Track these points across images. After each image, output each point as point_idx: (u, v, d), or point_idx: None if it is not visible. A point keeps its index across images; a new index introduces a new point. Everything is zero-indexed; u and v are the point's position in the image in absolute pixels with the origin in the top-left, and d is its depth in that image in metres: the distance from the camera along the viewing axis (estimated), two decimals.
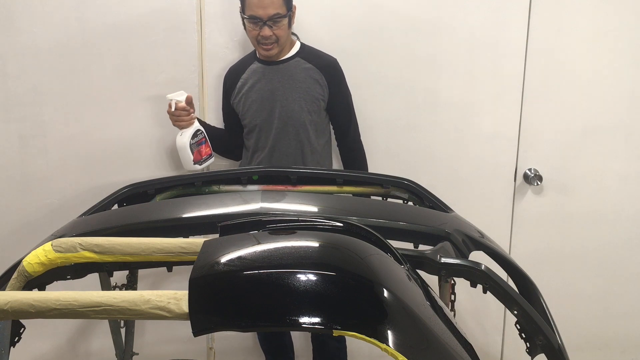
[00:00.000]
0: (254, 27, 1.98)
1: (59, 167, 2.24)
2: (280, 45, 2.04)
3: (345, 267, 0.88)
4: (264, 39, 1.99)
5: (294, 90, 2.07)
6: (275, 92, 2.07)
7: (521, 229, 2.49)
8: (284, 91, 2.07)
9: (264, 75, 2.09)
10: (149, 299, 0.77)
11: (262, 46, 2.02)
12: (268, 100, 2.08)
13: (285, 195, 1.54)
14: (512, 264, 1.36)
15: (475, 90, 2.35)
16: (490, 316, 2.54)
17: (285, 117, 2.07)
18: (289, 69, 2.09)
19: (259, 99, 2.09)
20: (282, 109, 2.07)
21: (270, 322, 0.79)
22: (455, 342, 0.86)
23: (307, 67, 2.09)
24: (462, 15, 2.28)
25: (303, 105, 2.08)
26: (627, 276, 2.56)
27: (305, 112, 2.08)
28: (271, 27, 1.96)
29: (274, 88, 2.08)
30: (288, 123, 2.07)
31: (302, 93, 2.08)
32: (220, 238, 0.98)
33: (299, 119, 2.07)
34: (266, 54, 2.04)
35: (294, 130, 2.08)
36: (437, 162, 2.39)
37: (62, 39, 2.15)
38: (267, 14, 1.94)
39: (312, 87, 2.09)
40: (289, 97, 2.07)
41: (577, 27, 2.32)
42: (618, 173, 2.45)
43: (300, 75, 2.08)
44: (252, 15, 1.96)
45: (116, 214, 1.50)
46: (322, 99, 2.10)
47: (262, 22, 1.95)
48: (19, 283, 0.98)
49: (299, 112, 2.07)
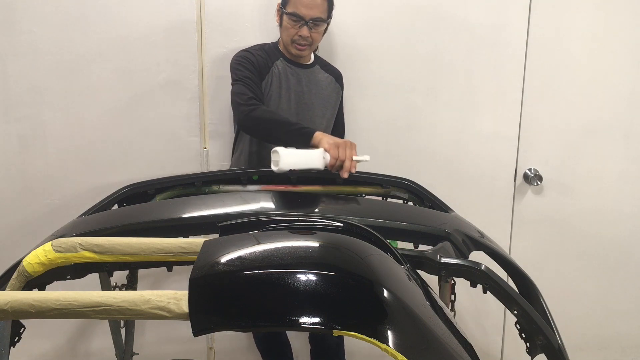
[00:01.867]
0: (292, 25, 1.96)
1: (59, 167, 2.24)
2: (311, 49, 2.05)
3: (345, 267, 0.88)
4: (301, 38, 1.97)
5: (317, 97, 2.10)
6: (302, 96, 2.07)
7: (521, 229, 2.49)
8: (310, 96, 2.08)
9: (292, 76, 2.07)
10: (149, 299, 0.77)
11: (296, 45, 1.99)
12: (295, 104, 2.07)
13: (285, 195, 1.54)
14: (512, 264, 1.36)
15: (475, 90, 2.35)
16: (490, 316, 2.54)
17: (310, 122, 2.06)
18: (314, 75, 2.11)
19: (286, 99, 2.06)
20: (308, 113, 2.08)
21: (270, 322, 0.79)
22: (455, 342, 0.86)
23: (326, 76, 2.14)
24: (462, 15, 2.28)
25: (325, 112, 2.12)
26: (627, 276, 2.56)
27: (325, 119, 2.12)
28: (311, 28, 1.95)
29: (301, 91, 2.07)
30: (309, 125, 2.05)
31: (324, 100, 2.11)
32: (220, 238, 0.98)
33: (320, 126, 2.09)
34: (298, 53, 2.02)
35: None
36: (437, 162, 2.39)
37: (62, 39, 2.15)
38: (311, 15, 1.92)
39: (331, 96, 2.13)
40: (314, 102, 2.09)
41: (577, 27, 2.32)
42: (618, 173, 2.45)
43: (323, 83, 2.12)
44: (295, 13, 1.93)
45: (116, 214, 1.50)
46: (336, 108, 2.16)
47: (303, 21, 1.93)
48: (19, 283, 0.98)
49: (321, 118, 2.11)
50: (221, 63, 2.23)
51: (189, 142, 2.27)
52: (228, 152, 2.28)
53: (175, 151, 2.27)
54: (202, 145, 2.28)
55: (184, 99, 2.23)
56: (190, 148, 2.28)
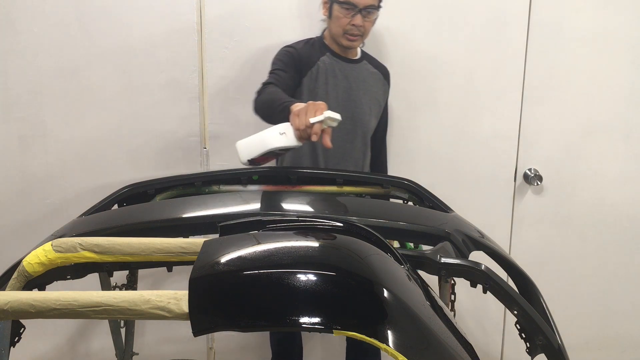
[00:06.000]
0: (345, 14, 1.89)
1: (59, 167, 2.24)
2: (362, 40, 1.98)
3: (345, 267, 0.88)
4: (354, 28, 1.90)
5: (366, 94, 2.05)
6: (350, 93, 2.02)
7: (521, 229, 2.49)
8: (357, 92, 2.03)
9: (340, 72, 2.01)
10: (149, 299, 0.77)
11: (348, 36, 1.93)
12: (343, 100, 2.01)
13: (285, 195, 1.53)
14: (512, 264, 1.35)
15: (475, 90, 2.35)
16: (490, 316, 2.54)
17: (357, 120, 2.02)
18: (361, 71, 2.06)
19: (333, 96, 1.99)
20: (356, 111, 2.02)
21: (270, 322, 0.79)
22: (455, 342, 0.86)
23: (374, 72, 2.09)
24: (462, 15, 2.28)
25: (372, 109, 2.07)
26: (627, 276, 2.56)
27: (372, 117, 2.08)
28: (364, 17, 1.89)
29: (348, 87, 2.02)
30: (357, 126, 2.04)
31: (372, 97, 2.07)
32: (220, 238, 0.98)
33: (368, 123, 2.05)
34: (350, 45, 1.96)
35: (361, 134, 2.05)
36: (437, 162, 2.39)
37: (62, 39, 2.15)
38: (365, 3, 1.87)
39: (379, 93, 2.09)
40: (363, 99, 2.04)
41: (577, 26, 2.32)
42: (618, 173, 2.45)
43: (370, 79, 2.07)
44: (348, 1, 1.87)
45: (116, 214, 1.50)
46: (383, 105, 2.12)
47: (357, 9, 1.88)
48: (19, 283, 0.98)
49: (369, 115, 2.06)
50: (221, 63, 2.23)
51: (189, 142, 2.27)
52: (228, 152, 2.28)
53: (175, 151, 2.27)
54: (202, 145, 2.28)
55: (184, 99, 2.23)
56: (190, 148, 2.27)
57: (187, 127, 2.26)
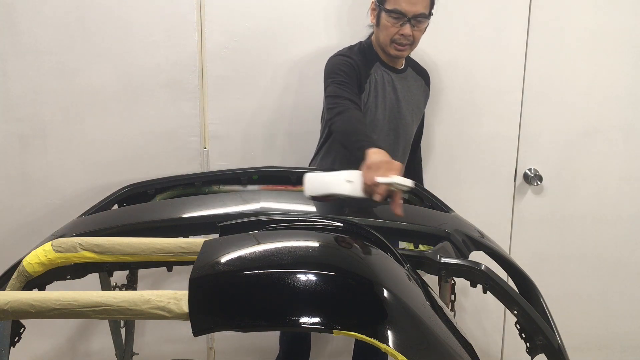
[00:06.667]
0: (393, 23, 1.80)
1: (59, 167, 2.24)
2: (411, 50, 1.90)
3: (345, 267, 0.88)
4: (403, 37, 1.82)
5: (408, 104, 1.99)
6: (398, 104, 1.96)
7: (521, 229, 2.49)
8: (404, 103, 1.97)
9: (389, 84, 1.94)
10: (149, 299, 0.77)
11: (396, 46, 1.85)
12: (390, 112, 1.95)
13: (285, 195, 1.54)
14: (512, 264, 1.36)
15: (475, 90, 2.35)
16: (490, 316, 2.54)
17: (400, 129, 1.98)
18: (407, 80, 2.00)
19: (382, 109, 1.93)
20: (400, 122, 1.97)
21: (270, 322, 0.79)
22: (455, 342, 0.86)
23: (417, 79, 2.04)
24: (462, 15, 2.28)
25: (414, 118, 2.02)
26: (627, 276, 2.56)
27: (414, 125, 2.04)
28: (413, 26, 1.81)
29: (395, 100, 1.96)
30: (400, 135, 1.99)
31: (414, 106, 2.02)
32: (220, 238, 0.98)
33: (410, 132, 2.02)
34: (398, 54, 1.88)
35: (403, 143, 2.01)
36: (437, 162, 2.39)
37: (62, 39, 2.15)
38: (414, 11, 1.78)
39: (421, 101, 2.06)
40: (406, 109, 1.98)
41: (577, 27, 2.32)
42: (618, 173, 2.45)
43: (414, 87, 2.02)
44: (397, 10, 1.78)
45: (116, 214, 1.50)
46: (423, 111, 2.09)
47: (406, 18, 1.79)
48: (19, 283, 0.98)
49: (411, 125, 2.02)
50: (221, 63, 2.23)
51: (189, 142, 2.27)
52: (228, 152, 2.28)
53: (175, 151, 2.27)
54: (202, 145, 2.28)
55: (184, 99, 2.23)
56: (190, 148, 2.27)
57: (187, 127, 2.26)
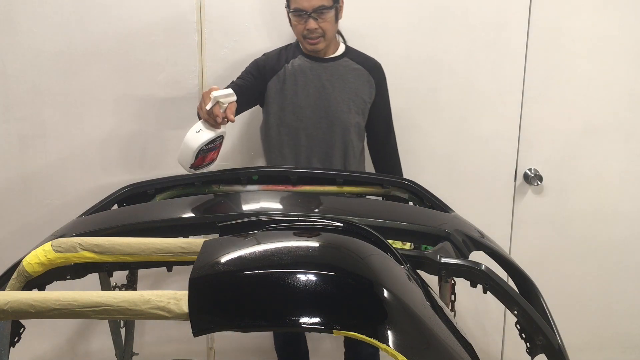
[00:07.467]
0: (299, 21, 1.92)
1: (59, 167, 2.24)
2: (327, 40, 1.97)
3: (345, 267, 0.88)
4: (309, 32, 1.92)
5: (343, 91, 2.02)
6: (324, 91, 2.01)
7: (521, 229, 2.49)
8: (333, 90, 2.01)
9: (310, 71, 2.02)
10: (149, 299, 0.77)
11: (307, 40, 1.95)
12: (315, 98, 2.01)
13: (285, 195, 1.54)
14: (512, 264, 1.36)
15: (475, 90, 2.35)
16: (490, 316, 2.54)
17: (333, 117, 2.01)
18: (337, 68, 2.04)
19: (304, 95, 2.01)
20: (330, 109, 2.01)
21: (270, 322, 0.79)
22: (455, 342, 0.86)
23: (356, 68, 2.06)
24: (462, 15, 2.28)
25: (351, 106, 2.03)
26: (627, 276, 2.56)
27: (352, 114, 2.03)
28: (316, 19, 1.90)
29: (321, 86, 2.01)
30: (335, 124, 2.02)
31: (351, 94, 2.03)
32: (220, 238, 0.98)
33: (346, 121, 2.02)
34: (312, 48, 1.97)
35: (340, 132, 2.03)
36: (437, 162, 2.39)
37: (62, 40, 2.15)
38: (312, 6, 1.88)
39: (361, 89, 2.05)
40: (338, 97, 2.01)
41: (577, 27, 2.32)
42: (618, 173, 2.45)
43: (350, 75, 2.04)
44: (297, 8, 1.90)
45: (116, 214, 1.50)
46: (369, 101, 2.07)
47: (307, 14, 1.89)
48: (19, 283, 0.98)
49: (347, 113, 2.02)
50: (221, 63, 2.23)
51: None
52: (228, 152, 2.28)
53: (175, 151, 2.26)
54: None
55: (184, 99, 2.23)
56: None
57: (187, 127, 2.25)
